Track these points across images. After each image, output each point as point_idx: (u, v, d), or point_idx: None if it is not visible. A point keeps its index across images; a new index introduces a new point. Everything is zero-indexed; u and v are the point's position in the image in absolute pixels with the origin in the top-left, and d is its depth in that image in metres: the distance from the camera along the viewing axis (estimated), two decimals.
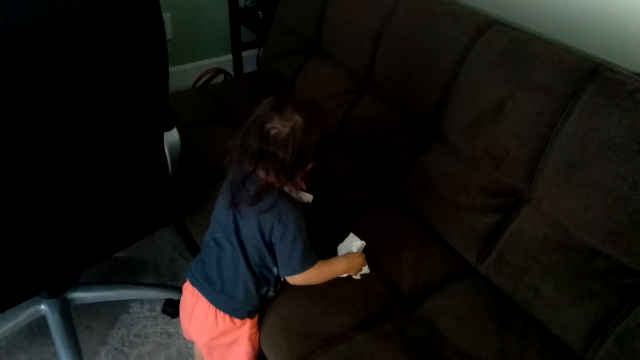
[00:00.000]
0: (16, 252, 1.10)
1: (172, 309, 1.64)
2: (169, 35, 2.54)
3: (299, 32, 1.95)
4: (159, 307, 1.67)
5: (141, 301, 1.69)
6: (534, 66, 1.20)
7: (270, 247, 1.06)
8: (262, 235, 1.05)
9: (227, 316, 1.12)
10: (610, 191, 1.04)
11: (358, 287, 1.22)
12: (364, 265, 1.20)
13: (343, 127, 1.72)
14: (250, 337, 1.17)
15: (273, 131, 0.95)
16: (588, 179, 1.08)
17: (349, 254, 1.19)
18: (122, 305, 1.67)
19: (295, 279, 1.10)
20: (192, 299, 1.16)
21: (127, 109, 1.09)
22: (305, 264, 1.07)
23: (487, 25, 1.34)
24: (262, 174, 1.01)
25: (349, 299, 1.19)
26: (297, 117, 0.96)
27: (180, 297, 1.62)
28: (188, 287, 1.17)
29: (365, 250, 1.21)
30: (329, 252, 1.20)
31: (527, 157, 1.20)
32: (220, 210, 1.11)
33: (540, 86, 1.17)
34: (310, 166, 1.04)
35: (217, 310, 1.12)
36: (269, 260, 1.09)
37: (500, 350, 1.11)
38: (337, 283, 1.18)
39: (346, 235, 1.23)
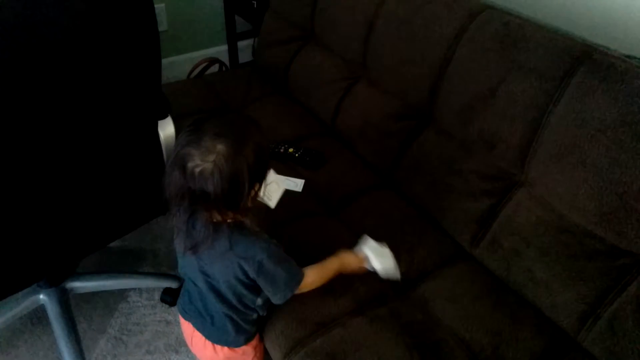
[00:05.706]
0: (14, 239, 1.10)
1: (170, 297, 1.65)
2: (163, 26, 2.54)
3: (293, 20, 1.95)
4: (157, 296, 1.68)
5: (139, 290, 1.70)
6: (526, 50, 1.20)
7: (245, 284, 1.00)
8: (236, 277, 0.99)
9: (225, 347, 1.11)
10: (602, 173, 1.05)
11: None
12: (360, 264, 1.16)
13: (337, 114, 1.72)
14: (256, 356, 1.16)
15: (197, 170, 0.85)
16: (579, 161, 1.08)
17: (342, 253, 1.15)
18: (121, 294, 1.68)
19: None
20: (188, 330, 1.14)
21: (121, 97, 1.10)
22: (292, 286, 1.03)
23: (480, 9, 1.34)
24: (205, 214, 0.91)
25: (344, 283, 1.19)
26: (219, 146, 0.85)
27: (178, 285, 1.63)
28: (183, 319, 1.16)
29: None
30: (323, 241, 1.20)
31: (519, 141, 1.20)
32: (182, 254, 1.02)
33: (532, 69, 1.18)
34: (257, 187, 0.94)
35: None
36: (248, 298, 1.04)
37: (494, 332, 1.12)
38: None
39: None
